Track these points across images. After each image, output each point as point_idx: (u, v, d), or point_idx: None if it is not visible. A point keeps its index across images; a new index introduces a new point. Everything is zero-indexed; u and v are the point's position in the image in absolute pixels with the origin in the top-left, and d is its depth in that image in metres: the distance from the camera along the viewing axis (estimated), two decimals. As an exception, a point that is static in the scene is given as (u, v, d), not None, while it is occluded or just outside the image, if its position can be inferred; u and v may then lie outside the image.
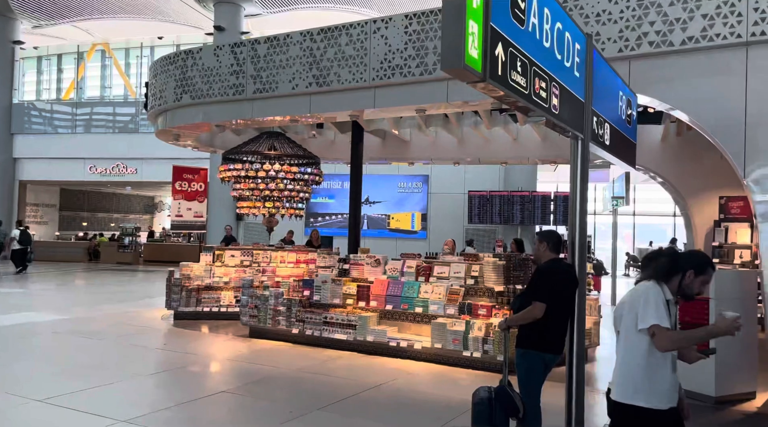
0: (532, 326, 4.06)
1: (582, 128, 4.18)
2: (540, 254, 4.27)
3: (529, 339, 4.08)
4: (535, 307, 3.99)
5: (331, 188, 22.38)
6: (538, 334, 4.05)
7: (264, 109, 8.59)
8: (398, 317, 7.91)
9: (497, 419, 3.95)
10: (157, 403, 5.33)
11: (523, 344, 4.11)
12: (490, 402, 3.97)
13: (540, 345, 4.06)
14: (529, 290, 4.14)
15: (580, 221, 4.24)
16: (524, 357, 4.09)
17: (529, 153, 12.72)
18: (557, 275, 4.08)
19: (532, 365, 4.09)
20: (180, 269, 10.50)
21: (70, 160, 24.72)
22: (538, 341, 4.06)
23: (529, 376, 4.10)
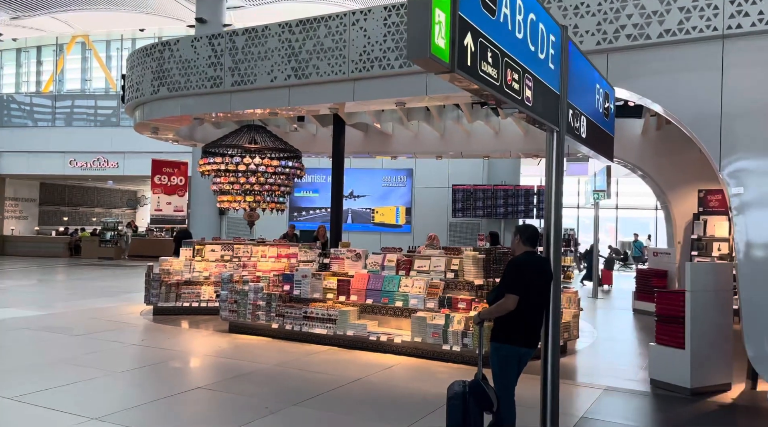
0: (506, 320, 4.04)
1: (557, 121, 4.16)
2: (515, 246, 4.26)
3: (502, 333, 4.06)
4: (508, 299, 3.97)
5: (314, 182, 22.27)
6: (512, 327, 4.04)
7: (242, 101, 8.49)
8: (378, 311, 7.88)
9: (471, 414, 3.94)
10: (130, 400, 5.25)
11: (497, 338, 4.09)
12: (464, 397, 3.95)
13: (514, 339, 4.05)
14: (502, 283, 4.12)
15: (555, 214, 4.22)
16: (498, 351, 4.08)
17: (511, 147, 12.73)
18: (529, 267, 4.07)
19: (506, 359, 4.08)
20: (159, 264, 10.38)
21: (50, 154, 24.30)
22: (512, 334, 4.05)
23: (503, 370, 4.08)
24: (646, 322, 10.48)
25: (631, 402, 5.76)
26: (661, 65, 6.31)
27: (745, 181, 5.67)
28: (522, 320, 4.03)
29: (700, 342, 5.82)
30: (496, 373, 4.09)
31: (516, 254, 4.25)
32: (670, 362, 5.97)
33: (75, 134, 24.37)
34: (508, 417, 4.04)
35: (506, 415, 4.04)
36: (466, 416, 3.92)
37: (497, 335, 4.09)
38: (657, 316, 6.21)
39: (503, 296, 4.02)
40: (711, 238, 11.04)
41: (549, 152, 4.25)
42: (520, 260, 4.14)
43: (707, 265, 6.83)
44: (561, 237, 4.31)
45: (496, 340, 4.09)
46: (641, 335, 9.48)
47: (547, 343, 4.18)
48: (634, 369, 7.07)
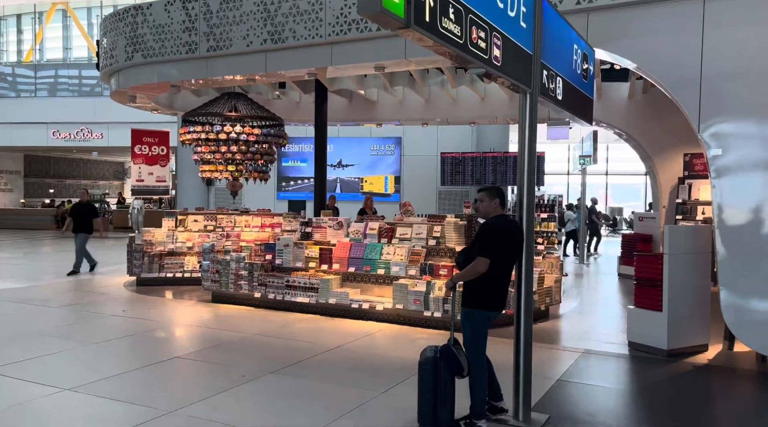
0: (477, 285, 4.01)
1: (530, 82, 4.05)
2: (491, 209, 4.16)
3: (474, 298, 4.04)
4: (479, 262, 3.93)
5: (302, 151, 22.06)
6: (484, 292, 4.01)
7: (219, 67, 8.28)
8: (361, 279, 7.87)
9: (442, 379, 3.93)
10: (107, 370, 5.22)
11: (468, 304, 4.06)
12: (435, 361, 3.94)
13: (485, 304, 4.03)
14: (474, 245, 4.06)
15: (528, 178, 4.15)
16: (469, 317, 4.05)
17: (497, 112, 12.58)
18: (502, 230, 4.03)
19: (478, 324, 4.06)
20: (141, 235, 10.30)
21: (32, 125, 23.90)
22: (484, 300, 4.02)
23: (476, 335, 4.07)
24: (629, 286, 10.49)
25: (608, 364, 5.81)
26: (643, 26, 6.16)
27: (724, 144, 5.60)
28: (493, 284, 4.00)
29: (677, 304, 5.84)
30: (468, 338, 4.08)
31: (489, 217, 4.18)
32: (647, 325, 6.00)
33: (57, 105, 23.94)
34: (481, 381, 4.04)
35: (479, 379, 4.04)
36: (437, 381, 3.92)
37: (468, 301, 4.07)
38: (636, 279, 6.22)
39: (472, 259, 3.98)
40: (696, 202, 11.04)
41: (522, 114, 4.16)
42: (497, 223, 4.08)
43: (685, 228, 6.82)
44: (534, 202, 4.25)
45: (467, 305, 4.07)
46: (624, 299, 9.55)
47: (520, 305, 4.17)
48: (614, 332, 7.12)
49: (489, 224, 4.10)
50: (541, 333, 6.77)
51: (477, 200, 4.20)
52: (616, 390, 5.10)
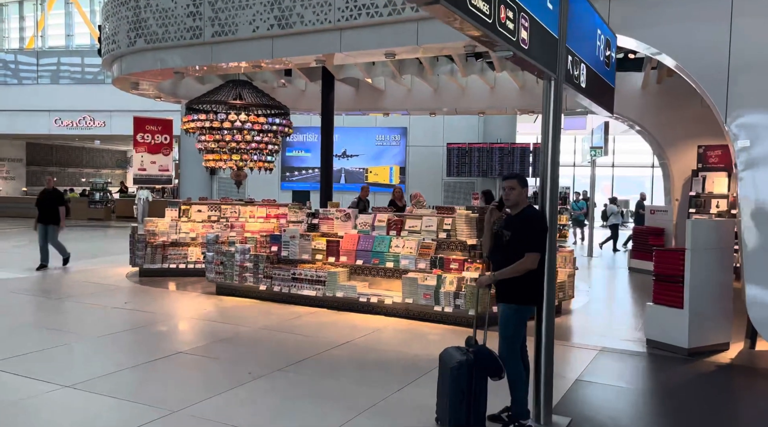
0: (524, 280, 3.78)
1: (555, 67, 3.81)
2: (521, 199, 3.89)
3: (520, 294, 3.81)
4: (531, 258, 3.72)
5: (306, 141, 21.83)
6: (532, 287, 3.81)
7: (223, 53, 8.04)
8: (369, 272, 7.67)
9: (477, 383, 3.65)
10: (107, 366, 5.04)
11: (517, 299, 3.82)
12: (469, 365, 3.62)
13: (533, 299, 3.84)
14: (519, 240, 3.78)
15: (551, 168, 3.93)
16: (517, 313, 3.82)
17: (506, 102, 12.34)
18: (545, 222, 3.82)
19: (520, 322, 3.85)
20: (144, 225, 10.11)
21: (34, 112, 23.66)
22: (532, 294, 3.83)
23: (517, 333, 3.87)
24: (641, 280, 10.35)
25: (626, 363, 5.61)
26: (667, 12, 5.90)
27: (752, 135, 5.36)
28: (538, 278, 3.82)
29: (699, 301, 5.63)
30: (508, 335, 3.84)
31: (519, 207, 3.89)
32: (667, 322, 5.79)
33: (60, 92, 23.68)
34: (519, 379, 3.83)
35: (518, 377, 3.83)
36: (471, 385, 3.63)
37: (515, 296, 3.81)
38: (655, 275, 6.00)
39: (515, 253, 3.74)
40: (709, 195, 10.79)
41: (546, 102, 3.93)
42: (540, 215, 3.85)
43: (708, 222, 6.59)
44: (557, 193, 4.03)
45: (515, 301, 3.81)
46: (637, 295, 9.34)
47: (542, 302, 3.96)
48: (629, 329, 6.92)
49: (533, 215, 3.85)
50: (555, 329, 6.55)
51: (505, 188, 3.89)
52: (637, 391, 4.90)
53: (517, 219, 3.88)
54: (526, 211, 3.89)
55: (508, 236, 3.84)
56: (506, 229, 3.88)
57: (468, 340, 3.82)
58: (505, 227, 3.90)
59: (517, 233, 3.82)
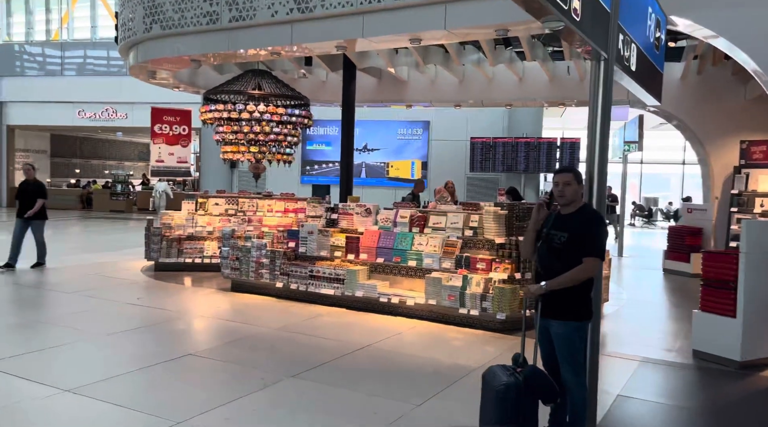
0: (582, 291, 3.31)
1: (606, 45, 3.36)
2: (578, 196, 3.37)
3: (582, 308, 3.34)
4: (590, 264, 3.23)
5: (327, 135, 21.49)
6: (589, 299, 3.35)
7: (241, 40, 7.69)
8: (390, 270, 7.27)
9: (527, 408, 3.16)
10: (112, 368, 4.74)
11: (576, 315, 3.32)
12: (518, 388, 3.11)
13: (590, 313, 3.38)
14: (581, 243, 3.26)
15: (599, 161, 3.48)
16: (579, 332, 3.33)
17: (535, 94, 11.82)
18: (605, 223, 3.36)
19: (584, 340, 3.38)
20: (160, 218, 9.86)
21: (58, 104, 23.70)
22: (589, 308, 3.37)
23: (582, 351, 3.38)
24: (678, 283, 9.79)
25: (671, 376, 5.13)
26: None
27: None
28: (592, 288, 3.36)
29: (754, 310, 5.12)
30: (573, 359, 3.33)
31: (579, 206, 3.38)
32: (717, 332, 5.29)
33: (83, 84, 23.65)
34: (584, 406, 3.37)
35: (583, 404, 3.36)
36: (520, 413, 3.13)
37: (576, 312, 3.32)
38: (703, 280, 5.50)
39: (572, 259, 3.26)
40: (753, 193, 10.16)
41: (594, 87, 3.47)
42: (598, 214, 3.39)
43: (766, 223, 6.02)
44: (605, 187, 3.59)
45: (576, 317, 3.32)
46: (675, 298, 8.80)
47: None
48: (670, 337, 6.42)
49: (595, 215, 3.37)
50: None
51: (558, 184, 3.36)
52: (685, 409, 4.43)
53: (575, 219, 3.34)
54: (586, 210, 3.39)
55: (564, 239, 3.31)
56: (559, 230, 3.35)
57: (515, 357, 3.30)
58: (556, 228, 3.38)
59: (576, 235, 3.30)
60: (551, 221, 3.44)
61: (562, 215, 3.41)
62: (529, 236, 3.59)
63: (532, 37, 8.95)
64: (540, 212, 3.51)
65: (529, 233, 3.59)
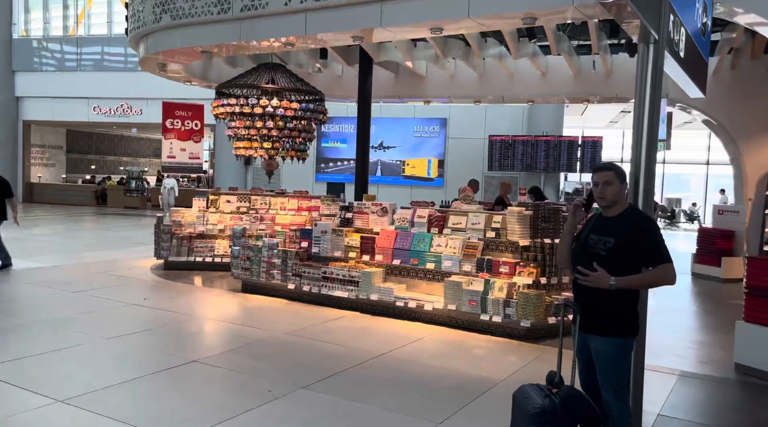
0: (629, 304, 2.94)
1: (658, 25, 2.97)
2: (619, 197, 2.99)
3: (628, 323, 2.96)
4: (669, 269, 2.87)
5: (342, 132, 21.18)
6: (637, 313, 2.98)
7: (253, 30, 7.37)
8: (407, 273, 6.91)
9: None
10: (112, 375, 4.44)
11: (621, 331, 2.94)
12: (555, 412, 2.76)
13: (637, 328, 3.01)
14: (632, 250, 2.90)
15: (647, 156, 3.10)
16: (623, 349, 2.95)
17: (558, 90, 11.38)
18: (658, 227, 3.00)
19: (629, 359, 3.00)
20: (170, 215, 9.60)
21: (73, 99, 23.68)
22: (636, 323, 3.00)
23: (627, 373, 3.02)
24: (708, 288, 9.32)
25: (713, 393, 4.72)
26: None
27: None
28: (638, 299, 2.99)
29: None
30: (614, 375, 2.95)
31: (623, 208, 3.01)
32: (764, 345, 4.87)
33: (99, 79, 23.58)
34: None
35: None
36: None
37: (622, 327, 2.94)
38: (748, 288, 5.07)
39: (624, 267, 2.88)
40: (790, 195, 9.63)
41: (643, 72, 3.08)
42: (650, 218, 3.04)
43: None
44: (653, 187, 3.20)
45: (621, 333, 2.93)
46: (708, 305, 8.34)
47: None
48: (707, 348, 5.99)
49: (646, 218, 2.99)
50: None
51: (598, 183, 2.99)
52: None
53: (622, 223, 2.97)
54: (633, 212, 3.02)
55: (610, 245, 2.93)
56: (602, 234, 2.98)
57: (550, 376, 2.92)
58: (599, 232, 3.00)
59: (624, 242, 2.91)
60: (591, 224, 3.07)
61: (604, 218, 3.03)
62: (565, 241, 3.22)
63: (558, 29, 8.54)
64: (576, 215, 3.13)
65: (565, 237, 3.22)
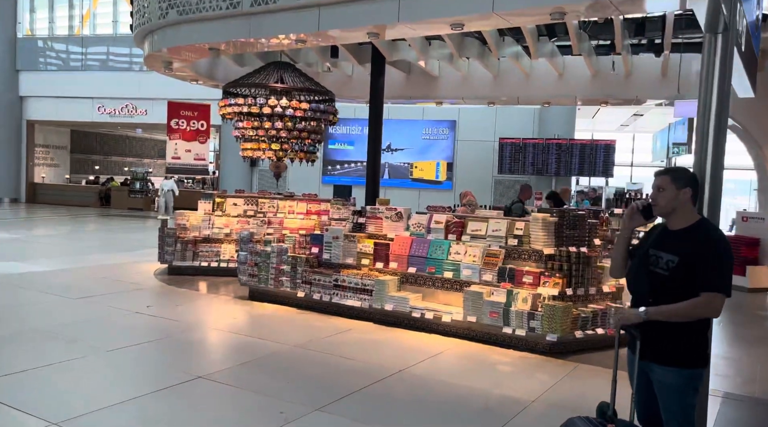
0: (697, 330, 2.57)
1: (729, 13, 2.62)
2: (678, 204, 2.61)
3: (697, 351, 2.60)
4: (713, 300, 2.48)
5: (350, 134, 20.85)
6: (707, 341, 2.62)
7: (263, 26, 7.05)
8: (423, 282, 6.56)
9: None
10: (110, 395, 4.11)
11: (688, 361, 2.58)
12: None
13: (707, 358, 2.66)
14: (696, 271, 2.50)
15: (714, 159, 2.74)
16: (691, 382, 2.59)
17: (576, 91, 11.02)
18: (731, 249, 2.57)
19: (696, 392, 2.64)
20: (175, 218, 9.28)
21: (78, 99, 23.43)
22: (707, 351, 2.64)
23: (694, 408, 2.65)
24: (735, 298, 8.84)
25: (763, 417, 4.35)
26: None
27: None
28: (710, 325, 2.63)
29: None
30: (680, 410, 2.60)
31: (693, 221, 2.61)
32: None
33: (103, 79, 23.33)
34: None
35: None
36: None
37: (689, 356, 2.57)
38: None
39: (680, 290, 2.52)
40: (819, 202, 9.27)
41: (709, 64, 2.74)
42: (723, 237, 2.61)
43: None
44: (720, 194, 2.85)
45: (688, 363, 2.57)
46: (735, 316, 7.96)
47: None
48: (745, 365, 5.62)
49: (718, 238, 2.58)
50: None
51: (658, 188, 2.64)
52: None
53: (688, 238, 2.58)
54: (702, 227, 2.60)
55: (673, 264, 2.55)
56: (665, 251, 2.59)
57: (602, 408, 2.58)
58: (661, 248, 2.62)
59: (689, 261, 2.52)
60: (653, 237, 2.71)
61: (669, 231, 2.66)
62: (617, 252, 2.87)
63: (580, 27, 8.19)
64: (632, 220, 2.75)
65: (618, 247, 2.86)
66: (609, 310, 5.94)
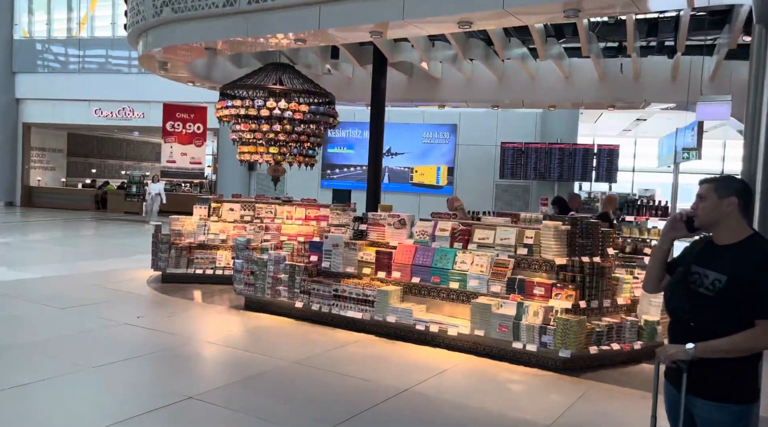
0: (748, 363, 2.25)
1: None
2: (721, 215, 2.30)
3: (748, 386, 2.26)
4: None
5: (349, 137, 20.56)
6: (758, 374, 2.27)
7: (262, 24, 6.76)
8: (427, 292, 6.24)
9: None
10: (93, 419, 3.79)
11: (739, 396, 2.24)
12: None
13: (758, 392, 2.28)
14: (749, 294, 2.18)
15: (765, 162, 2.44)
16: (742, 419, 2.26)
17: (582, 95, 10.75)
18: None
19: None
20: (169, 224, 8.96)
21: (74, 102, 23.14)
22: (758, 385, 2.28)
23: None
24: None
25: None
26: None
27: None
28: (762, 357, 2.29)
29: None
30: None
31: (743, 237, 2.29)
32: None
33: (100, 82, 23.05)
34: None
35: None
36: None
37: (739, 391, 2.24)
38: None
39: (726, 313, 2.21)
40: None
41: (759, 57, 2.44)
42: None
43: None
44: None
45: (739, 399, 2.24)
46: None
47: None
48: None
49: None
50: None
51: (699, 197, 2.34)
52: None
53: (738, 256, 2.26)
54: (756, 244, 2.27)
55: (720, 284, 2.23)
56: (709, 268, 2.28)
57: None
58: (705, 265, 2.31)
59: (740, 282, 2.20)
60: (697, 251, 2.39)
61: (714, 246, 2.35)
62: (653, 264, 2.52)
63: (590, 28, 7.92)
64: (675, 229, 2.42)
65: (655, 256, 2.52)
66: (624, 323, 5.64)
